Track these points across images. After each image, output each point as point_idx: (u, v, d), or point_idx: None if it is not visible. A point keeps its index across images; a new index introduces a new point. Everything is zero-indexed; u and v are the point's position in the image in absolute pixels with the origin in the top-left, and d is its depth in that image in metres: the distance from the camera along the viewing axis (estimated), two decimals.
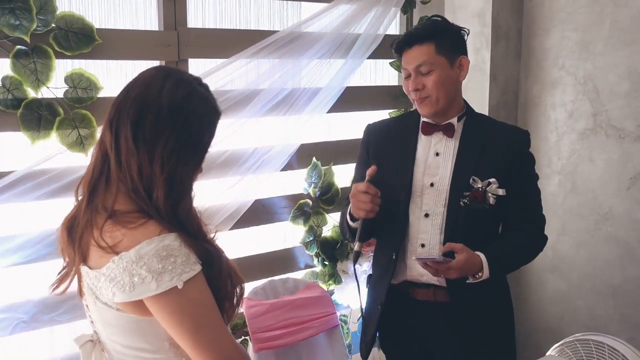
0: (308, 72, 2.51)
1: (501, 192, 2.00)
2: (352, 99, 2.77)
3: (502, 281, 2.17)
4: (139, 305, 1.33)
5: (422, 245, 2.07)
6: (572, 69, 3.04)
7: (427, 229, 2.07)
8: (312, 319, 2.57)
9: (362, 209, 1.96)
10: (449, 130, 2.07)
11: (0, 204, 2.01)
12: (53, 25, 2.04)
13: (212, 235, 1.45)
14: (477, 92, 3.13)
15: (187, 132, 1.36)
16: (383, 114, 2.97)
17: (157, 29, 2.31)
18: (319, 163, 2.68)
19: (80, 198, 1.45)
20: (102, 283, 1.34)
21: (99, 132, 2.13)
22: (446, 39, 2.02)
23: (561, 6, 3.04)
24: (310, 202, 2.70)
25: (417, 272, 2.09)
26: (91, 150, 1.47)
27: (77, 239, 1.41)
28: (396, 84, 3.02)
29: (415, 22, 2.91)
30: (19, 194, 2.02)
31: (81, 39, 2.08)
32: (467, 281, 1.98)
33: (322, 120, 2.66)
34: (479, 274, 1.96)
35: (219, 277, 1.39)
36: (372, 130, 2.25)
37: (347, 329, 2.84)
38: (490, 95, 3.10)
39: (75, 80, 2.09)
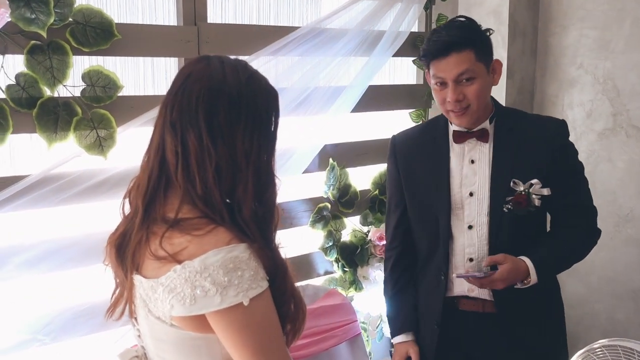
0: (331, 70, 2.41)
1: (546, 191, 1.88)
2: (370, 98, 2.66)
3: (552, 285, 2.07)
4: (198, 321, 1.21)
5: (470, 260, 1.96)
6: (591, 67, 2.97)
7: (473, 242, 1.96)
8: (333, 328, 2.47)
9: None
10: (483, 136, 1.95)
11: (16, 211, 1.87)
12: (70, 19, 1.90)
13: (279, 244, 1.33)
14: (493, 91, 3.04)
15: (259, 115, 1.26)
16: (402, 114, 2.88)
17: (175, 23, 2.19)
18: (335, 164, 2.57)
19: (129, 211, 1.33)
20: (159, 294, 1.22)
21: (118, 132, 2.01)
22: (483, 44, 1.88)
23: (580, 3, 2.97)
24: (330, 206, 2.59)
25: (466, 287, 1.99)
26: (109, 155, 1.34)
27: (129, 255, 1.29)
28: (414, 82, 2.93)
29: (433, 19, 2.82)
30: (35, 199, 1.88)
31: (99, 34, 1.95)
32: (515, 286, 1.88)
33: (340, 121, 2.55)
34: (527, 279, 1.86)
35: (283, 293, 1.28)
36: (398, 141, 2.12)
37: (367, 336, 2.74)
38: (507, 94, 3.03)
39: (93, 78, 1.96)
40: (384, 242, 2.61)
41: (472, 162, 1.96)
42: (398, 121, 2.89)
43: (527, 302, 1.94)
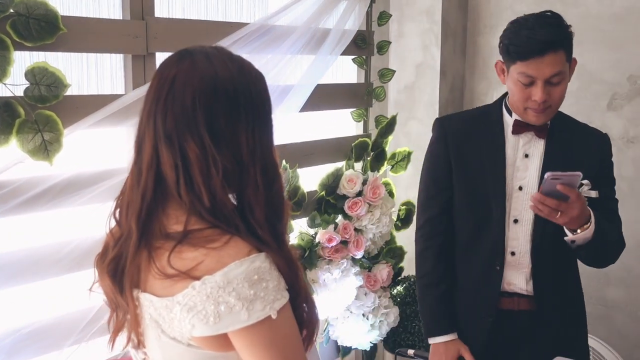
0: (280, 69, 2.33)
1: (594, 194, 1.87)
2: (310, 97, 2.59)
3: (578, 288, 2.09)
4: (220, 339, 1.12)
5: (512, 254, 1.97)
6: None
7: (517, 236, 1.95)
8: None
9: None
10: (542, 131, 1.94)
11: None
12: (11, 10, 1.71)
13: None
14: (426, 91, 3.08)
15: (256, 106, 1.17)
16: (344, 113, 2.84)
17: (120, 17, 2.03)
18: (287, 166, 2.49)
19: (118, 231, 1.21)
20: (175, 314, 1.11)
21: (65, 135, 1.84)
22: (571, 44, 1.86)
23: (508, 4, 3.06)
24: None
25: (505, 281, 1.99)
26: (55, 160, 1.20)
27: (127, 280, 1.17)
28: (355, 81, 2.90)
29: (374, 17, 2.79)
30: None
31: (44, 27, 1.77)
32: (567, 236, 1.84)
33: (289, 121, 2.47)
34: (586, 225, 1.80)
35: (297, 295, 1.18)
36: (449, 124, 2.07)
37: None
38: (440, 93, 3.07)
39: (37, 76, 1.77)
40: (333, 243, 2.57)
41: (526, 156, 1.95)
42: (339, 121, 2.85)
43: (561, 300, 1.97)
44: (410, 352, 2.30)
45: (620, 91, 2.83)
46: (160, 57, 2.10)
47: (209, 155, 1.12)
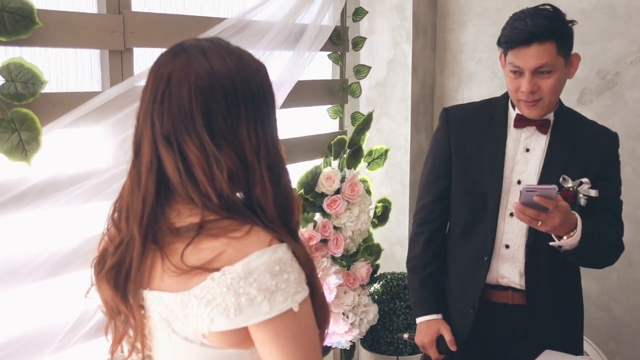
0: None
1: (593, 193, 1.87)
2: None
3: (577, 285, 2.09)
4: (239, 334, 1.07)
5: (507, 247, 1.97)
6: (489, 63, 3.08)
7: (512, 229, 1.96)
8: None
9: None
10: (544, 127, 1.94)
11: None
12: None
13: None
14: (397, 87, 3.07)
15: (257, 101, 1.12)
16: (317, 110, 2.80)
17: (95, 11, 1.95)
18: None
19: (116, 236, 1.15)
20: (191, 308, 1.06)
21: (44, 133, 1.75)
22: (566, 37, 1.85)
23: (476, 1, 3.07)
24: None
25: (498, 274, 1.99)
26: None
27: (132, 284, 1.12)
28: (330, 77, 2.86)
29: (349, 13, 2.77)
30: None
31: (19, 21, 1.68)
32: (551, 242, 1.82)
33: None
34: (572, 232, 1.79)
35: (314, 294, 1.13)
36: (454, 115, 2.08)
37: None
38: (412, 89, 3.06)
39: (13, 73, 1.68)
40: (314, 242, 2.53)
41: (527, 150, 1.96)
42: (311, 118, 2.81)
43: (555, 296, 1.97)
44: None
45: (589, 86, 2.87)
46: (138, 52, 2.02)
47: (211, 156, 1.08)
